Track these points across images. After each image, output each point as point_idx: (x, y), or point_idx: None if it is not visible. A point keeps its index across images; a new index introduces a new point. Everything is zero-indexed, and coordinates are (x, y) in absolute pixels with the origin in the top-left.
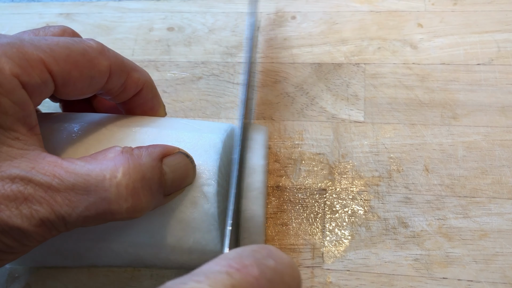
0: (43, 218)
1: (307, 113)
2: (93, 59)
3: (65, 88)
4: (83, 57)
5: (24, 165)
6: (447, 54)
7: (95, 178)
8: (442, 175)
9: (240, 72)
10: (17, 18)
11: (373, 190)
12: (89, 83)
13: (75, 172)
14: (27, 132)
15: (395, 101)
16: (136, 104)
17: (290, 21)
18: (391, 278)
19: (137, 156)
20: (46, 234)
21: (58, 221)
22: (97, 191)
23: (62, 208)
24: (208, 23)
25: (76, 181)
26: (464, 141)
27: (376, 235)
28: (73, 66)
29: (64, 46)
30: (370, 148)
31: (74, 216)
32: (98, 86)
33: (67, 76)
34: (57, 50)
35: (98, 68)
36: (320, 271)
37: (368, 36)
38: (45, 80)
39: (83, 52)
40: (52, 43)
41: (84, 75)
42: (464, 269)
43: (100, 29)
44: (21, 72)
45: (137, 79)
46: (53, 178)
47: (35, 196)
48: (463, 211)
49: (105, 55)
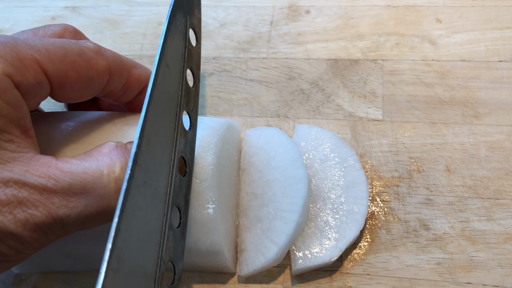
0: (39, 222)
1: (323, 111)
2: (90, 60)
3: (62, 90)
4: (80, 58)
5: (18, 168)
6: (467, 50)
7: (92, 175)
8: (464, 176)
9: (253, 68)
10: (22, 11)
11: (393, 191)
12: (88, 85)
13: (70, 171)
14: (21, 134)
15: (415, 99)
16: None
17: (304, 16)
18: (413, 282)
19: None
20: (43, 240)
21: (56, 224)
22: (95, 188)
23: (59, 210)
24: (219, 17)
25: (73, 180)
26: (486, 140)
27: (396, 237)
28: (70, 67)
29: (60, 47)
30: (389, 147)
31: (73, 217)
32: (97, 87)
33: (64, 77)
34: (53, 50)
35: (96, 69)
36: (339, 275)
37: (385, 31)
38: (39, 81)
39: (80, 52)
40: (48, 43)
41: (81, 76)
42: (489, 274)
43: (107, 23)
44: (14, 71)
45: (139, 76)
46: (48, 179)
47: (30, 199)
48: (486, 213)
49: (103, 56)
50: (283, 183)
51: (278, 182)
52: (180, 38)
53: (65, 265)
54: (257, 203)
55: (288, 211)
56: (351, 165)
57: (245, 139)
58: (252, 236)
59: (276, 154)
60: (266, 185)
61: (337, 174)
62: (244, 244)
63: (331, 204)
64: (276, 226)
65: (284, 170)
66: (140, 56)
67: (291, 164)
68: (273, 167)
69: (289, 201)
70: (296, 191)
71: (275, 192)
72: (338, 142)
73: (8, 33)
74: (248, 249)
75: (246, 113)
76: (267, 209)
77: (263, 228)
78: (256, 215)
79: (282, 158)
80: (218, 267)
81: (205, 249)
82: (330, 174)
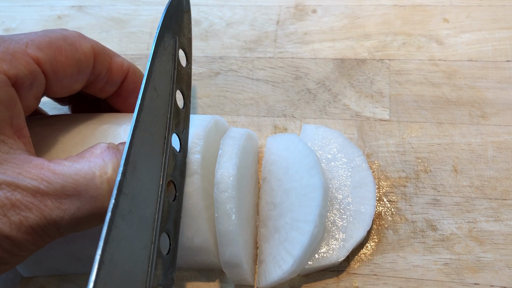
0: (33, 224)
1: (330, 111)
2: (74, 43)
3: (56, 77)
4: (64, 42)
5: (10, 170)
6: (474, 50)
7: (85, 177)
8: (471, 176)
9: (259, 68)
10: (28, 10)
11: (400, 191)
12: (78, 68)
13: (63, 173)
14: (14, 134)
15: (422, 99)
16: (128, 93)
17: (311, 15)
18: (420, 283)
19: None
20: (38, 242)
21: (50, 227)
22: (88, 190)
23: (53, 212)
24: (225, 16)
25: (65, 183)
26: (494, 141)
27: (403, 238)
28: (57, 52)
29: (43, 35)
30: (396, 147)
31: (66, 219)
32: (86, 70)
33: (54, 62)
34: (37, 40)
35: (82, 50)
36: (346, 275)
37: (392, 31)
38: (33, 70)
39: (63, 38)
40: (31, 35)
41: (70, 59)
42: (496, 275)
43: (113, 22)
44: (7, 66)
45: (121, 62)
46: (41, 181)
47: (23, 201)
48: (494, 214)
49: (86, 38)
50: (299, 192)
51: (295, 191)
52: (169, 60)
53: (75, 268)
54: (276, 213)
55: (304, 221)
56: (358, 165)
57: (266, 146)
58: (270, 247)
59: (294, 162)
60: (285, 194)
61: (344, 174)
62: (263, 255)
63: (338, 205)
64: (292, 236)
65: (301, 179)
66: (146, 56)
67: (307, 172)
68: (291, 175)
69: (305, 210)
70: (311, 200)
71: (293, 202)
72: (345, 142)
73: (15, 32)
74: (266, 260)
75: (252, 112)
76: (285, 219)
77: (280, 239)
78: (275, 225)
79: (299, 165)
80: (237, 279)
81: (224, 262)
82: (337, 174)
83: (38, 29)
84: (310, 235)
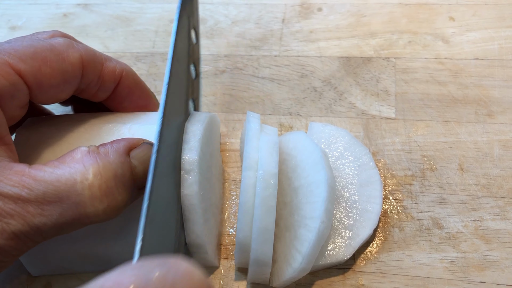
0: (16, 231)
1: (336, 109)
2: (62, 53)
3: (40, 88)
4: (51, 53)
5: None
6: (480, 48)
7: (66, 183)
8: (477, 175)
9: (265, 66)
10: (34, 8)
11: (406, 189)
12: (64, 79)
13: (44, 179)
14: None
15: (427, 97)
16: (122, 98)
17: (316, 13)
18: (426, 281)
19: (105, 154)
20: (22, 247)
21: (33, 232)
22: (70, 196)
23: (35, 218)
24: (231, 14)
25: (47, 189)
26: (500, 139)
27: (409, 236)
28: (42, 63)
29: (29, 45)
30: (402, 145)
31: (49, 225)
32: (74, 81)
33: (38, 74)
34: (22, 50)
35: (69, 61)
36: (352, 273)
37: (398, 29)
38: (13, 82)
39: (50, 48)
40: (16, 45)
41: (55, 70)
42: (503, 273)
43: (119, 20)
44: None
45: (113, 68)
46: (22, 188)
47: (5, 209)
48: (500, 212)
49: (74, 48)
50: (306, 189)
51: (303, 188)
52: (185, 36)
53: (82, 267)
54: (286, 212)
55: (310, 218)
56: (365, 164)
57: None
58: (282, 246)
59: (302, 159)
60: (293, 192)
61: (351, 173)
62: (276, 255)
63: (345, 203)
64: (300, 234)
65: (307, 175)
66: (152, 54)
67: (312, 168)
68: (298, 173)
69: (311, 207)
70: (317, 196)
71: (300, 199)
72: (352, 141)
73: (21, 30)
74: (278, 259)
75: (258, 110)
76: (294, 217)
77: (290, 237)
78: (286, 224)
79: (306, 163)
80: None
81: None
82: (343, 173)
83: (44, 27)
84: (317, 232)
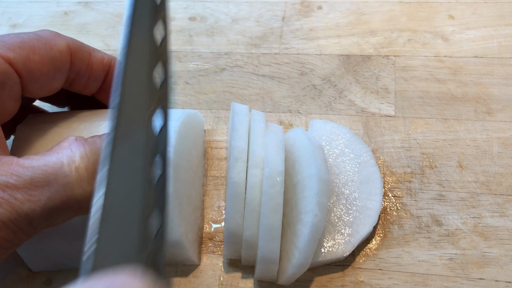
0: (4, 219)
1: (335, 107)
2: (49, 41)
3: (31, 76)
4: (38, 42)
5: None
6: (480, 46)
7: (53, 166)
8: (476, 172)
9: (265, 64)
10: (35, 6)
11: (405, 186)
12: (53, 66)
13: (31, 165)
14: None
15: (427, 95)
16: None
17: (316, 11)
18: (425, 277)
19: (92, 142)
20: (12, 238)
21: (22, 220)
22: (57, 179)
23: (24, 204)
24: (231, 12)
25: (34, 174)
26: (499, 137)
27: (409, 233)
28: (30, 51)
29: (16, 36)
30: (401, 143)
31: (38, 211)
32: (63, 67)
33: (27, 62)
34: (9, 41)
35: (56, 48)
36: (352, 269)
37: (398, 27)
38: (3, 70)
39: (37, 38)
40: (3, 36)
41: (44, 58)
42: (501, 270)
43: (120, 18)
44: None
45: (101, 57)
46: (10, 176)
47: None
48: (499, 209)
49: (61, 37)
50: (301, 184)
51: (299, 184)
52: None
53: None
54: (287, 209)
55: (305, 213)
56: (366, 161)
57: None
58: (284, 243)
59: (299, 155)
60: (293, 189)
61: (351, 170)
62: (281, 252)
63: (345, 200)
64: (297, 229)
65: (302, 171)
66: None
67: (305, 162)
68: (296, 169)
69: (305, 201)
70: (309, 190)
71: (298, 195)
72: (353, 138)
73: (22, 28)
74: (282, 256)
75: (258, 108)
76: (293, 213)
77: (290, 233)
78: (287, 221)
79: (302, 158)
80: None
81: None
82: (344, 170)
83: (45, 25)
84: (311, 225)
